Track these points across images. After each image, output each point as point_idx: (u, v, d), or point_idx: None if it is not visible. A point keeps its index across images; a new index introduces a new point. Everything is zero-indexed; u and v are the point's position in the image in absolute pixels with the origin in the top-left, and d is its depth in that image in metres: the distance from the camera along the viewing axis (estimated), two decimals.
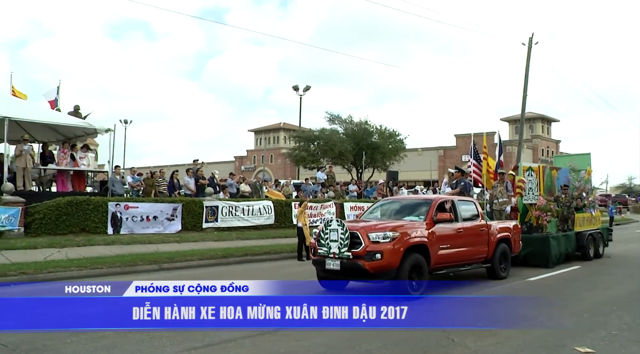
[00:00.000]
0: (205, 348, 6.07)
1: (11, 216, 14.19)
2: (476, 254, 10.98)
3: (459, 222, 10.60)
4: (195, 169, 21.31)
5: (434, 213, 10.01)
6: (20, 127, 17.98)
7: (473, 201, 11.98)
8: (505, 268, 11.76)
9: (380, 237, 8.92)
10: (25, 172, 16.92)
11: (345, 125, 41.55)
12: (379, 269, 8.82)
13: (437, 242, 9.71)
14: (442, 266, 10.06)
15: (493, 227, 11.58)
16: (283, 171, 71.92)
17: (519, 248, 12.63)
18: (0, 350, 5.93)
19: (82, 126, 18.79)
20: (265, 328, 6.97)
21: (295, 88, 37.43)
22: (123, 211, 16.34)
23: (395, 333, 6.93)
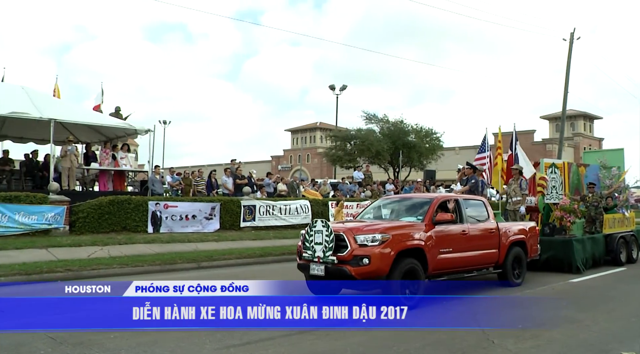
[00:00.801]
0: (244, 346, 6.11)
1: (57, 214, 14.60)
2: (485, 258, 9.97)
3: (464, 224, 9.65)
4: (233, 168, 21.54)
5: (433, 213, 9.09)
6: (65, 129, 18.49)
7: (482, 200, 10.84)
8: (520, 274, 10.74)
9: (368, 240, 8.02)
10: (70, 172, 17.42)
11: (381, 124, 41.36)
12: (366, 275, 7.91)
13: (437, 245, 8.80)
14: (443, 272, 9.08)
15: (505, 229, 10.56)
16: (319, 171, 72.00)
17: (536, 252, 11.58)
18: (49, 343, 6.11)
19: (123, 126, 19.21)
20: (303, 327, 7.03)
21: (331, 87, 37.41)
22: (163, 210, 16.62)
23: (435, 333, 6.85)
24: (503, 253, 10.31)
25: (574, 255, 12.39)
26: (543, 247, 12.10)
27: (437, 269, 8.83)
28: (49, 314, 7.44)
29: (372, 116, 41.99)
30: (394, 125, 40.46)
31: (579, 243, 12.82)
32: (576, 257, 12.41)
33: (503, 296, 9.56)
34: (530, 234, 11.29)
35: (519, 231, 11.02)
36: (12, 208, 13.92)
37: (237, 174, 21.25)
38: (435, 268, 8.75)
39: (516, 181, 13.70)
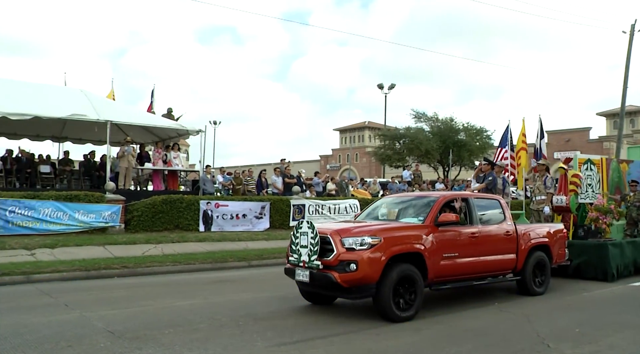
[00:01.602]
0: (294, 344, 6.14)
1: (113, 213, 15.07)
2: (499, 264, 8.94)
3: (474, 226, 8.63)
4: (283, 168, 21.72)
5: (436, 214, 8.11)
6: (120, 130, 19.09)
7: (498, 199, 9.75)
8: (542, 282, 9.65)
9: (356, 244, 7.18)
10: (127, 172, 18.00)
11: (431, 123, 40.88)
12: (353, 282, 7.13)
13: (439, 250, 7.86)
14: (448, 279, 8.18)
15: (525, 232, 9.48)
16: (368, 170, 71.75)
17: (563, 258, 10.43)
18: (108, 337, 6.30)
19: (176, 127, 19.67)
20: (355, 326, 7.04)
21: (380, 86, 37.22)
22: (214, 209, 16.90)
23: (487, 335, 6.73)
24: (522, 258, 9.29)
25: (609, 261, 11.09)
26: (575, 251, 11.20)
27: (439, 276, 7.94)
28: (108, 309, 7.72)
29: (422, 114, 41.58)
30: (443, 123, 39.93)
31: (616, 248, 11.47)
32: (611, 264, 11.12)
33: (557, 298, 9.31)
34: (555, 237, 10.17)
35: (542, 233, 9.93)
36: (72, 207, 14.46)
37: (286, 174, 21.42)
38: (437, 274, 7.87)
39: (541, 178, 12.64)
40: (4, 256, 11.70)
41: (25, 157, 18.92)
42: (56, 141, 21.29)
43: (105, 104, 18.83)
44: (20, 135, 19.93)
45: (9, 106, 15.48)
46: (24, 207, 13.73)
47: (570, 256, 10.93)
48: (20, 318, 7.20)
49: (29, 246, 12.54)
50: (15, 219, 13.57)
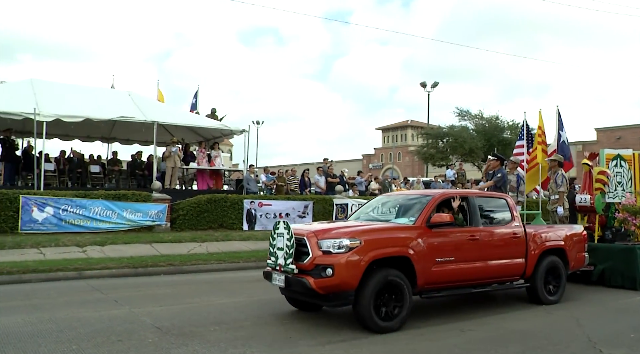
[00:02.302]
0: (338, 344, 6.15)
1: (159, 211, 15.41)
2: (505, 269, 8.16)
3: (475, 227, 7.90)
4: (325, 167, 21.77)
5: (429, 214, 7.40)
6: (166, 130, 19.51)
7: (505, 198, 8.88)
8: (556, 289, 8.77)
9: (333, 246, 6.53)
10: (173, 172, 18.39)
11: (475, 121, 40.28)
12: (330, 289, 6.51)
13: (432, 253, 7.18)
14: (442, 286, 7.51)
15: (535, 234, 8.67)
16: (411, 169, 71.20)
17: (582, 263, 9.46)
18: (155, 332, 6.45)
19: (220, 127, 19.98)
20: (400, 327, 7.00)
21: (422, 85, 36.88)
22: (257, 208, 17.08)
23: (535, 338, 6.58)
24: (532, 263, 8.46)
25: (638, 267, 9.95)
26: (599, 256, 10.29)
27: (431, 282, 7.25)
28: (155, 306, 7.91)
29: (466, 112, 41.06)
30: (488, 121, 39.31)
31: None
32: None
33: (609, 301, 9.02)
34: (572, 240, 9.22)
35: (556, 236, 9.05)
36: (121, 205, 14.87)
37: (329, 173, 21.47)
38: (428, 281, 7.19)
39: (553, 176, 11.61)
40: (58, 252, 12.15)
41: (77, 157, 19.59)
42: (105, 141, 21.98)
43: (151, 105, 19.29)
44: (72, 136, 20.63)
45: (62, 108, 16.04)
46: (76, 206, 14.20)
47: (593, 260, 10.14)
48: (73, 312, 7.47)
49: (81, 243, 12.97)
50: (68, 217, 14.05)
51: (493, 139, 37.22)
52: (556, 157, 11.80)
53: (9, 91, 17.38)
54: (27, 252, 11.97)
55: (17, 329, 6.53)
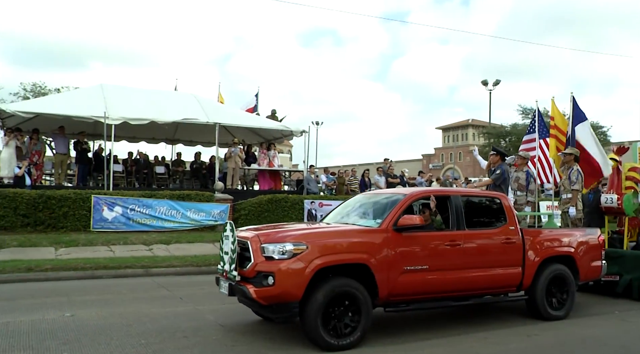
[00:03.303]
0: (401, 345, 6.09)
1: (222, 211, 15.72)
2: (495, 279, 7.11)
3: (457, 230, 6.91)
4: (385, 167, 21.63)
5: (397, 216, 6.48)
6: (228, 132, 19.89)
7: (499, 197, 7.68)
8: (562, 304, 7.62)
9: (276, 251, 5.81)
10: (234, 172, 18.73)
11: None
12: (271, 299, 5.79)
13: (399, 260, 6.30)
14: (412, 298, 6.59)
15: (537, 239, 7.58)
16: (472, 169, 69.79)
17: (598, 273, 8.21)
18: (219, 330, 6.59)
19: (281, 128, 20.19)
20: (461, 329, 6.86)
21: (484, 83, 36.08)
22: (317, 208, 17.15)
23: (605, 345, 6.30)
24: (531, 273, 7.39)
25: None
26: (628, 265, 9.06)
27: (398, 294, 6.39)
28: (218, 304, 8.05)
29: (529, 110, 39.83)
30: None
31: None
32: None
33: None
34: (585, 246, 8.01)
35: (563, 241, 7.90)
36: (185, 205, 15.26)
37: (389, 173, 21.32)
38: (394, 292, 6.32)
39: (567, 172, 10.24)
40: (126, 250, 12.62)
41: (143, 159, 20.26)
42: (169, 143, 22.63)
43: (214, 107, 19.71)
44: (138, 138, 21.36)
45: (129, 111, 16.62)
46: (142, 206, 14.69)
47: (619, 270, 9.07)
48: (141, 307, 7.73)
49: (147, 242, 13.42)
50: (135, 217, 14.56)
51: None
52: (572, 150, 10.40)
53: (81, 96, 18.21)
54: (99, 250, 12.49)
55: (92, 322, 6.83)
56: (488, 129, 41.12)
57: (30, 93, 34.54)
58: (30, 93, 34.58)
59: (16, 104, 20.00)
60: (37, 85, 35.40)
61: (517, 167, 10.76)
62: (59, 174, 17.70)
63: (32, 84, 35.48)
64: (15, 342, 5.93)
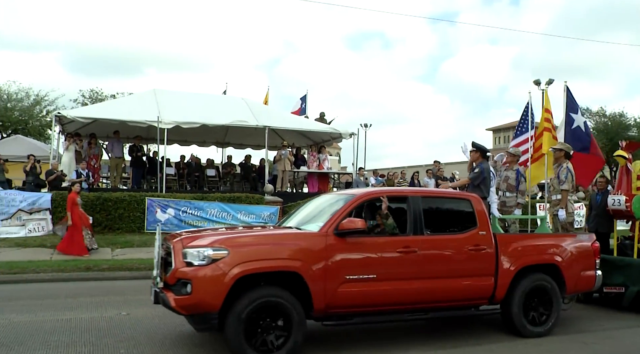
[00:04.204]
0: (450, 350, 5.99)
1: (272, 213, 15.86)
2: (460, 291, 6.34)
3: (414, 235, 6.18)
4: (435, 169, 21.36)
5: (339, 219, 5.84)
6: (277, 134, 20.07)
7: (468, 198, 6.84)
8: (544, 319, 6.72)
9: (195, 257, 5.35)
10: (283, 175, 18.89)
11: (596, 119, 37.85)
12: (190, 309, 5.33)
13: (339, 269, 5.69)
14: (355, 311, 5.89)
15: (511, 246, 6.67)
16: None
17: (589, 285, 7.25)
18: None
19: (329, 131, 20.24)
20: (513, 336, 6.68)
21: (536, 82, 34.86)
22: None
23: None
24: (505, 283, 6.53)
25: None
26: (635, 275, 8.05)
27: (337, 305, 5.73)
28: None
29: (585, 110, 38.61)
30: (611, 119, 36.75)
31: None
32: None
33: None
34: (573, 254, 7.05)
35: (546, 248, 7.00)
36: (235, 207, 15.48)
37: (438, 175, 21.04)
38: (332, 303, 5.68)
39: (556, 170, 9.17)
40: None
41: (195, 162, 20.68)
42: (219, 146, 23.00)
43: (263, 110, 19.93)
44: (190, 142, 21.81)
45: (181, 115, 17.01)
46: (194, 208, 14.98)
47: (625, 281, 8.12)
48: None
49: None
50: (187, 218, 14.86)
51: (617, 137, 34.62)
52: (562, 145, 9.29)
53: (136, 101, 18.76)
54: (152, 251, 12.74)
55: (146, 321, 7.04)
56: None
57: (88, 99, 35.78)
58: (88, 99, 35.83)
59: (75, 110, 20.76)
60: (94, 92, 36.66)
61: (508, 166, 9.83)
62: (115, 177, 18.27)
63: (90, 91, 36.77)
64: (77, 338, 6.20)
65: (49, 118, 30.27)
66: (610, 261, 8.27)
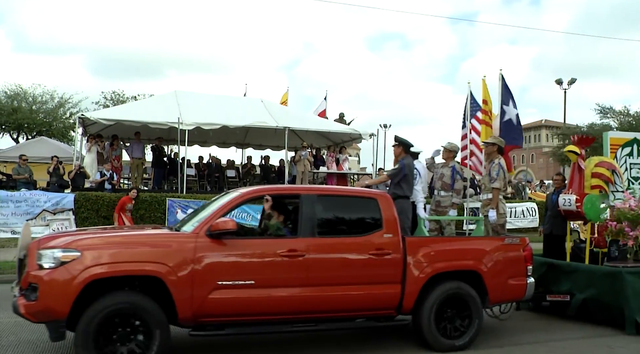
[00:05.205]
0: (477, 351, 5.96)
1: None
2: (358, 300, 5.74)
3: (303, 237, 5.65)
4: None
5: (213, 219, 5.42)
6: (296, 135, 20.11)
7: (374, 196, 6.22)
8: (461, 331, 6.11)
9: (46, 259, 4.95)
10: (303, 176, 18.90)
11: (620, 118, 37.28)
12: (38, 316, 4.92)
13: (209, 273, 5.22)
14: (228, 320, 5.41)
15: (421, 250, 6.03)
16: (545, 171, 67.40)
17: (519, 294, 6.57)
18: None
19: (349, 132, 20.24)
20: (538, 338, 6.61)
21: (558, 82, 34.79)
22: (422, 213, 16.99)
23: None
24: (414, 292, 5.90)
25: (628, 300, 6.93)
26: (580, 282, 7.44)
27: (206, 314, 5.27)
28: None
29: (608, 109, 38.12)
30: (635, 118, 36.16)
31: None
32: (632, 305, 6.93)
33: None
34: (499, 259, 6.36)
35: (464, 253, 6.37)
36: (255, 208, 15.43)
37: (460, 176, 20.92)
38: (202, 312, 5.23)
39: (487, 166, 8.48)
40: None
41: (215, 163, 20.82)
42: (239, 147, 23.13)
43: (282, 111, 19.99)
44: (210, 143, 21.95)
45: (202, 117, 17.14)
46: None
47: (570, 288, 7.50)
48: None
49: None
50: None
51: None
52: (494, 139, 8.68)
53: (157, 103, 18.93)
54: None
55: None
56: (562, 129, 39.59)
57: (110, 101, 36.26)
58: (110, 101, 36.31)
59: (98, 112, 21.04)
60: (116, 94, 37.15)
61: (444, 163, 9.15)
62: (136, 178, 18.46)
63: (112, 93, 37.25)
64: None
65: (72, 120, 30.78)
66: (558, 267, 7.80)
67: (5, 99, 32.78)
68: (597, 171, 8.13)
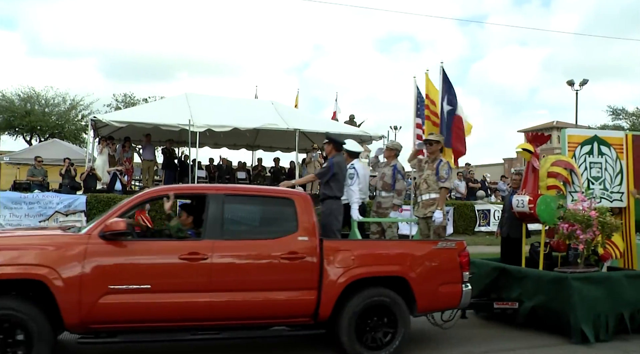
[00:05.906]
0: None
1: None
2: (268, 307, 5.38)
3: (209, 239, 5.32)
4: (466, 172, 21.18)
5: (106, 220, 5.10)
6: (306, 137, 20.14)
7: (290, 196, 5.85)
8: (387, 341, 5.68)
9: None
10: None
11: (632, 119, 37.05)
12: None
13: (100, 277, 4.92)
14: (120, 327, 5.06)
15: (340, 254, 5.62)
16: None
17: (453, 301, 6.11)
18: None
19: (359, 134, 20.14)
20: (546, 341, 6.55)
21: (570, 83, 34.54)
22: (397, 214, 16.93)
23: None
24: (331, 299, 5.50)
25: (574, 307, 6.55)
26: (529, 288, 7.03)
27: (98, 320, 4.94)
28: None
29: (620, 110, 37.89)
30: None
31: (591, 285, 6.74)
32: (578, 313, 6.53)
33: None
34: (429, 264, 5.95)
35: (390, 257, 5.95)
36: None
37: (469, 178, 20.86)
38: (91, 318, 4.90)
39: (431, 164, 7.89)
40: None
41: (225, 164, 20.90)
42: (250, 149, 23.18)
43: (292, 113, 20.03)
44: (220, 145, 22.02)
45: (213, 119, 17.19)
46: None
47: (519, 295, 7.08)
48: None
49: None
50: None
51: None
52: (438, 137, 8.20)
53: (168, 105, 19.05)
54: None
55: None
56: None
57: (122, 103, 36.56)
58: (121, 103, 36.62)
59: (110, 114, 21.20)
60: (127, 96, 37.44)
61: (386, 162, 8.73)
62: (147, 180, 18.57)
63: (123, 95, 37.53)
64: None
65: (84, 122, 31.04)
66: (509, 272, 7.41)
67: (19, 102, 33.15)
68: (553, 171, 7.68)
